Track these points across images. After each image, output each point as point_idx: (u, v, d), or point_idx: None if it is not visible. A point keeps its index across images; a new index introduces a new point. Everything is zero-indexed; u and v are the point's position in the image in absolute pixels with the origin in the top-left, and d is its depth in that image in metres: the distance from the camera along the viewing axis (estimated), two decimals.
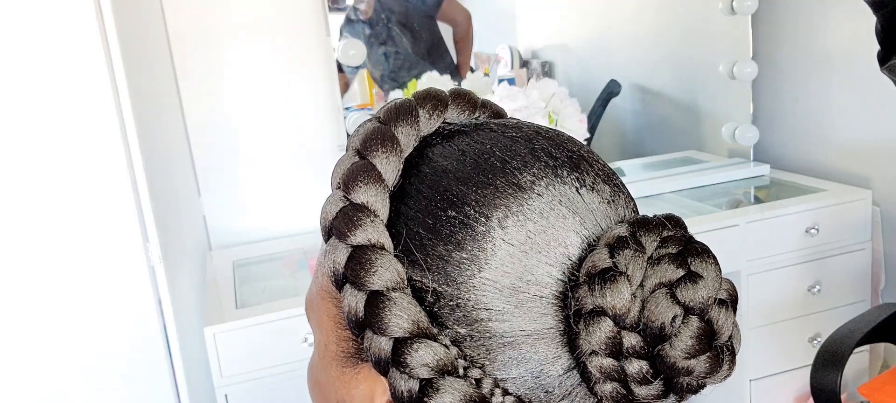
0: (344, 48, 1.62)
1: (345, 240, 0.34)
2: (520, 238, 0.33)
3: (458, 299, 0.33)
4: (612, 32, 2.15)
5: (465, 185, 0.34)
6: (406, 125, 0.36)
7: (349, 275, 0.33)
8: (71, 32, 1.04)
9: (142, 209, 1.13)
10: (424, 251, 0.33)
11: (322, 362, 0.39)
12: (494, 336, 0.33)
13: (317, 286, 0.39)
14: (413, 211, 0.34)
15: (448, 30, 1.94)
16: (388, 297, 0.32)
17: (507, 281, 0.32)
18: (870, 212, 1.70)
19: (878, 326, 1.39)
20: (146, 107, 1.26)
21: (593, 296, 0.31)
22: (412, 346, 0.32)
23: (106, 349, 1.14)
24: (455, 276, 0.33)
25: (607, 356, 0.31)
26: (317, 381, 0.41)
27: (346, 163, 0.35)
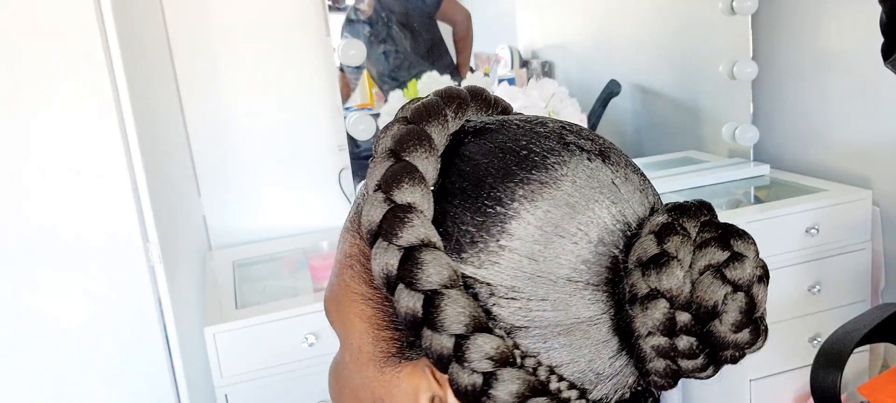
0: (344, 48, 1.62)
1: (394, 242, 0.34)
2: (570, 229, 0.34)
3: (514, 292, 0.34)
4: (612, 32, 2.15)
5: (509, 181, 0.35)
6: (437, 124, 0.37)
7: (404, 277, 0.33)
8: (71, 33, 1.04)
9: (142, 209, 1.13)
10: (475, 247, 0.34)
11: (356, 364, 0.39)
12: (549, 325, 0.34)
13: (343, 289, 0.39)
14: (458, 209, 0.35)
15: (448, 30, 1.94)
16: (446, 295, 0.33)
17: (561, 271, 0.34)
18: (870, 212, 1.70)
19: (878, 326, 1.39)
20: (146, 107, 1.26)
21: (648, 281, 0.33)
22: (473, 341, 0.33)
23: (106, 349, 1.14)
24: (509, 270, 0.34)
25: (662, 335, 0.33)
26: (347, 384, 0.41)
27: (382, 166, 0.35)
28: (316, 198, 1.85)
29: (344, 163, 1.76)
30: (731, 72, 1.93)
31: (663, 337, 0.33)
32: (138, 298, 1.14)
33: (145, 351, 1.16)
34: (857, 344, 1.34)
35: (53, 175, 1.07)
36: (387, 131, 0.37)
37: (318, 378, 1.35)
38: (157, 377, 1.17)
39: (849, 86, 1.76)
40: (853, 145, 1.78)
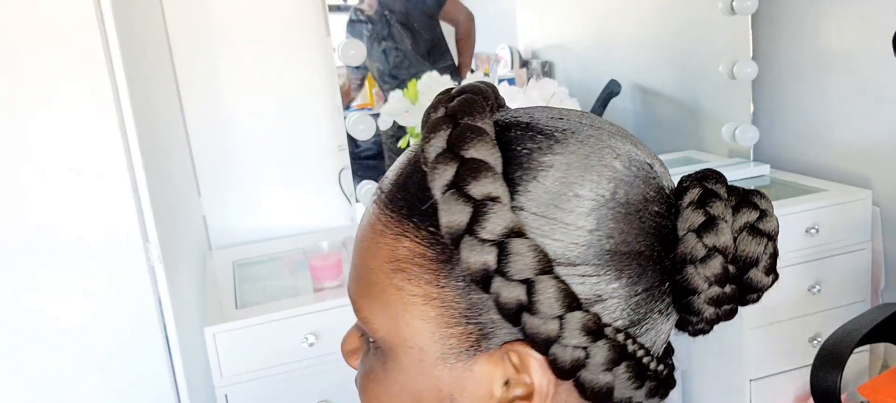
0: (344, 48, 1.62)
1: (486, 237, 0.35)
2: (629, 207, 0.37)
3: (589, 268, 0.36)
4: (612, 32, 2.15)
5: (572, 169, 0.37)
6: (485, 118, 0.37)
7: (502, 270, 0.35)
8: (71, 33, 1.04)
9: (142, 209, 1.13)
10: (554, 234, 0.36)
11: (419, 367, 0.39)
12: (621, 296, 0.37)
13: (396, 297, 0.38)
14: (530, 200, 0.36)
15: (449, 29, 1.94)
16: (542, 281, 0.35)
17: (625, 248, 0.37)
18: (870, 212, 1.70)
19: (878, 326, 1.39)
20: (146, 107, 1.26)
21: (704, 242, 0.38)
22: (570, 319, 0.35)
23: (106, 348, 1.14)
24: (582, 248, 0.36)
25: (718, 286, 0.38)
26: (402, 391, 0.40)
27: (447, 167, 0.36)
28: (316, 198, 1.85)
29: (344, 163, 1.76)
30: (731, 72, 1.93)
31: (718, 288, 0.38)
32: (138, 298, 1.14)
33: (145, 351, 1.16)
34: (857, 344, 1.34)
35: (53, 175, 1.07)
36: (434, 134, 0.37)
37: (318, 378, 1.35)
38: (157, 377, 1.17)
39: (849, 86, 1.76)
40: (853, 145, 1.78)
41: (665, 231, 0.38)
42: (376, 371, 0.41)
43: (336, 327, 1.35)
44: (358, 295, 0.41)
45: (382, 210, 0.39)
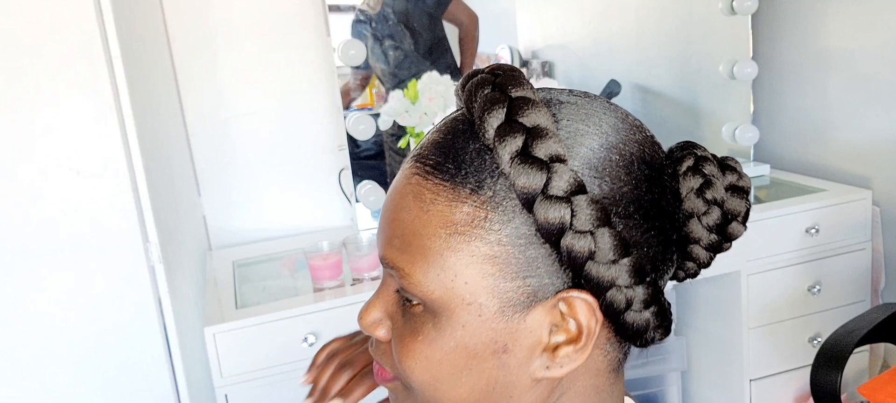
0: (344, 48, 1.62)
1: (557, 195, 0.39)
2: (652, 169, 0.44)
3: (626, 212, 0.42)
4: (612, 32, 2.15)
5: (608, 134, 0.43)
6: (531, 89, 0.42)
7: (574, 224, 0.40)
8: (71, 33, 1.04)
9: (142, 209, 1.13)
10: (602, 189, 0.41)
11: (477, 321, 0.42)
12: (650, 246, 0.43)
13: (458, 260, 0.41)
14: (579, 160, 0.41)
15: (451, 29, 1.95)
16: (604, 231, 0.40)
17: (651, 202, 0.43)
18: (869, 212, 1.70)
19: (878, 326, 1.39)
20: (146, 107, 1.26)
21: (705, 197, 0.44)
22: (624, 264, 0.41)
23: (106, 348, 1.14)
24: (627, 204, 0.42)
25: (716, 233, 0.45)
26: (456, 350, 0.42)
27: (514, 138, 0.40)
28: (316, 197, 1.85)
29: (344, 163, 1.76)
30: (731, 72, 1.93)
31: (715, 236, 0.45)
32: (138, 298, 1.14)
33: (145, 351, 1.16)
34: (857, 344, 1.34)
35: (53, 175, 1.07)
36: (493, 107, 0.40)
37: None
38: (157, 377, 1.17)
39: (849, 86, 1.76)
40: (853, 145, 1.78)
41: (672, 190, 0.45)
42: (425, 331, 0.43)
43: (336, 327, 1.35)
44: (406, 263, 0.42)
45: (429, 179, 0.42)
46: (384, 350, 0.47)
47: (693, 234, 0.45)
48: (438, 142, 0.43)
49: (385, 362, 0.47)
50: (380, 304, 0.46)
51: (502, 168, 0.40)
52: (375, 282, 1.42)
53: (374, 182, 1.68)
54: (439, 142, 0.43)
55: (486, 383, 0.43)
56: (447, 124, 0.44)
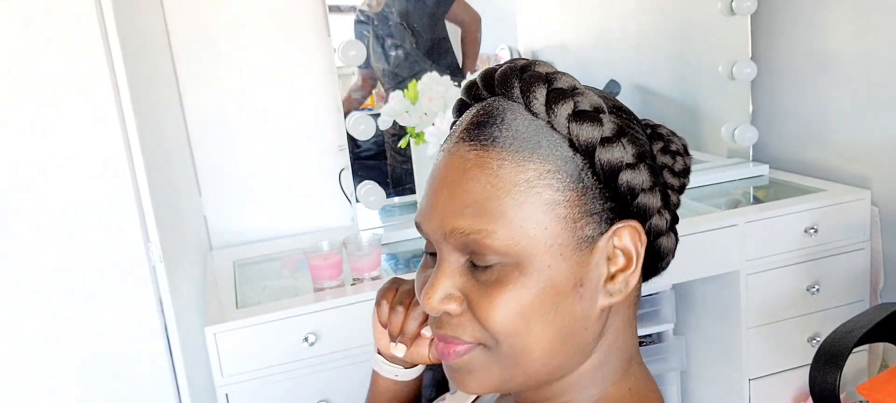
0: (344, 48, 1.62)
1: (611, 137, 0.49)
2: (642, 125, 0.56)
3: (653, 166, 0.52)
4: (612, 33, 2.15)
5: (627, 118, 0.54)
6: (551, 67, 0.53)
7: (630, 164, 0.49)
8: (72, 33, 1.05)
9: (143, 209, 1.13)
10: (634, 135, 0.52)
11: (557, 261, 0.48)
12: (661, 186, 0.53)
13: (534, 210, 0.48)
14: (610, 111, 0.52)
15: (453, 30, 1.95)
16: (644, 166, 0.50)
17: (652, 157, 0.55)
18: (869, 212, 1.70)
19: (876, 326, 1.39)
20: (147, 107, 1.26)
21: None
22: (658, 193, 0.51)
23: (107, 348, 1.15)
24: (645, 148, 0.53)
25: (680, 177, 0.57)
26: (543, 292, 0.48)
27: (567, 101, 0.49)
28: (316, 197, 1.86)
29: (344, 163, 1.76)
30: (731, 73, 1.94)
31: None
32: (139, 297, 1.14)
33: (146, 351, 1.16)
34: (856, 344, 1.35)
35: (54, 175, 1.07)
36: (535, 85, 0.49)
37: (318, 377, 1.36)
38: (157, 376, 1.18)
39: (848, 87, 1.77)
40: (852, 145, 1.78)
41: None
42: (513, 281, 0.48)
43: (336, 326, 1.36)
44: (486, 224, 0.47)
45: (490, 151, 0.48)
46: (457, 322, 0.50)
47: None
48: (483, 123, 0.50)
49: (462, 332, 0.50)
50: (445, 280, 0.50)
51: (559, 128, 0.48)
52: (376, 282, 1.42)
53: (374, 182, 1.69)
54: (484, 122, 0.50)
55: (569, 319, 0.49)
56: (482, 110, 0.51)
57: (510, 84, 0.50)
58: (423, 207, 0.51)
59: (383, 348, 0.69)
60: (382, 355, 0.70)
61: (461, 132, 0.50)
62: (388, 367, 0.70)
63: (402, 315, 0.64)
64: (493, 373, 0.50)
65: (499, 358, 0.49)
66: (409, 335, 0.64)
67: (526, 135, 0.48)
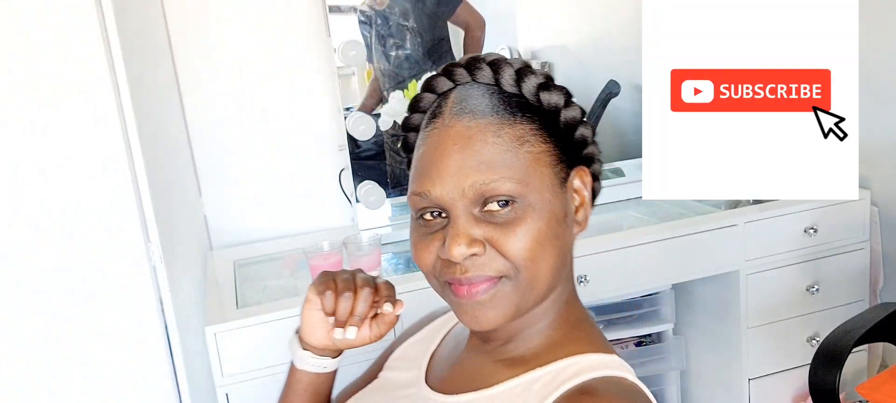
0: (344, 48, 1.63)
1: (569, 101, 0.65)
2: None
3: None
4: (612, 33, 2.15)
5: None
6: None
7: (583, 119, 0.66)
8: (72, 33, 1.05)
9: (143, 209, 1.13)
10: None
11: (553, 195, 0.61)
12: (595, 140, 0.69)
13: (531, 161, 0.60)
14: None
15: (453, 30, 1.96)
16: (588, 122, 0.66)
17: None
18: (868, 212, 1.71)
19: (876, 326, 1.40)
20: (147, 107, 1.26)
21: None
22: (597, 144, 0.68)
23: (107, 348, 1.15)
24: None
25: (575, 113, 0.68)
26: (550, 221, 0.60)
27: (532, 76, 0.64)
28: (316, 197, 1.86)
29: (344, 163, 1.76)
30: None
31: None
32: (139, 298, 1.15)
33: (146, 351, 1.17)
34: (855, 344, 1.35)
35: (54, 175, 1.07)
36: (504, 66, 0.64)
37: None
38: (158, 376, 1.18)
39: None
40: None
41: None
42: (528, 216, 0.59)
43: None
44: (500, 174, 0.58)
45: (486, 119, 0.60)
46: (482, 262, 0.59)
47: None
48: (470, 101, 0.62)
49: (487, 270, 0.59)
50: (465, 230, 0.59)
51: (529, 97, 0.63)
52: None
53: (374, 182, 1.69)
54: (470, 101, 0.62)
55: (563, 245, 0.62)
56: (463, 92, 0.63)
57: (481, 69, 0.63)
58: (432, 176, 0.59)
59: (318, 341, 0.73)
60: (311, 349, 0.74)
61: (453, 111, 0.61)
62: (317, 360, 0.74)
63: (351, 299, 0.69)
64: (512, 301, 0.60)
65: (517, 286, 0.60)
66: (361, 315, 0.69)
67: (505, 106, 0.61)
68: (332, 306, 0.70)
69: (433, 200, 0.59)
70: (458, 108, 0.61)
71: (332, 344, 0.72)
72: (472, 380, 0.65)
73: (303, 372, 0.76)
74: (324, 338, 0.73)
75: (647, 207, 1.83)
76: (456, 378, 0.68)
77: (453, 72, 0.64)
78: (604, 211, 1.87)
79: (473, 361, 0.68)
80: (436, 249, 0.60)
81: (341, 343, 0.71)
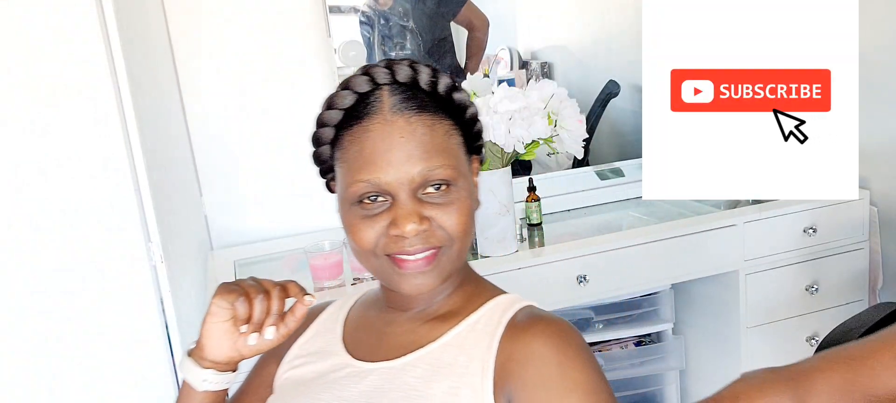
0: (344, 48, 1.63)
1: (473, 100, 0.73)
2: None
3: None
4: (611, 33, 2.16)
5: None
6: None
7: (478, 113, 0.76)
8: (72, 32, 1.05)
9: (144, 209, 1.13)
10: None
11: (470, 179, 0.73)
12: None
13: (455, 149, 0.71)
14: None
15: (456, 29, 1.96)
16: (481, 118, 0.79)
17: None
18: (867, 212, 1.71)
19: (875, 325, 1.40)
20: (148, 107, 1.26)
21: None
22: None
23: (108, 348, 1.15)
24: None
25: None
26: (470, 205, 0.71)
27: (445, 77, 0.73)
28: (317, 197, 1.84)
29: None
30: None
31: None
32: (140, 297, 1.15)
33: (147, 351, 1.17)
34: None
35: (54, 175, 1.08)
36: (421, 68, 0.71)
37: None
38: (158, 376, 1.18)
39: None
40: None
41: None
42: (462, 197, 0.70)
43: None
44: (444, 160, 0.68)
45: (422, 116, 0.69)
46: (425, 236, 0.68)
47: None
48: (405, 99, 0.69)
49: (432, 241, 0.68)
50: (414, 210, 0.68)
51: (444, 95, 0.71)
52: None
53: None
54: (412, 103, 0.69)
55: (473, 217, 0.72)
56: (396, 90, 0.70)
57: (402, 69, 0.71)
58: (381, 164, 0.67)
59: (224, 354, 0.72)
60: (213, 366, 0.73)
61: (393, 108, 0.69)
62: (219, 376, 0.74)
63: (265, 301, 0.71)
64: (446, 268, 0.70)
65: (450, 256, 0.70)
66: (278, 313, 0.72)
67: (432, 104, 0.70)
68: (248, 311, 0.71)
69: (380, 186, 0.67)
70: (398, 106, 0.68)
71: (238, 356, 0.73)
72: (410, 342, 0.72)
73: (203, 394, 0.74)
74: (230, 350, 0.72)
75: (647, 207, 1.84)
76: (390, 346, 0.73)
77: (373, 73, 0.70)
78: (604, 211, 1.87)
79: (402, 327, 0.75)
80: (380, 228, 0.68)
81: (254, 349, 0.73)
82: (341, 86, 0.72)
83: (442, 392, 0.67)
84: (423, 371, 0.69)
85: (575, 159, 1.98)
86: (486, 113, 1.40)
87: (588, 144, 1.83)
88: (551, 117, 1.45)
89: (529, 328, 0.68)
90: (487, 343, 0.68)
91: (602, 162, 2.02)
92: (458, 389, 0.67)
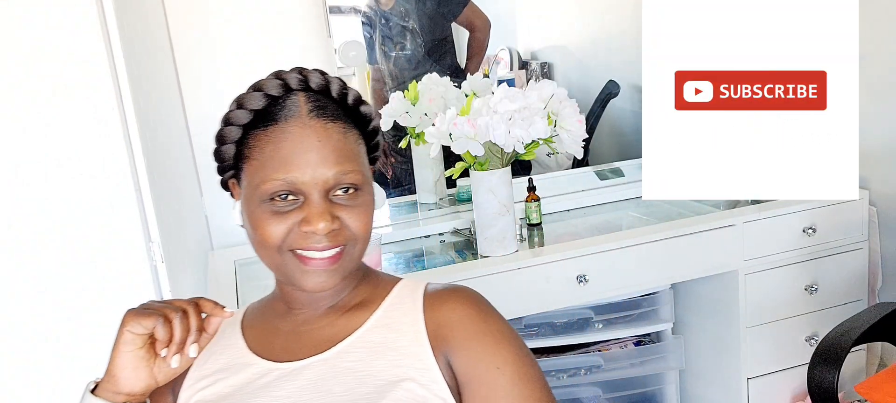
0: (344, 49, 1.63)
1: (377, 113, 0.68)
2: None
3: None
4: (611, 33, 2.16)
5: None
6: None
7: (380, 127, 0.83)
8: (73, 32, 1.05)
9: (144, 209, 1.13)
10: None
11: (372, 185, 0.77)
12: None
13: (361, 156, 0.76)
14: None
15: (457, 29, 1.96)
16: None
17: None
18: (867, 212, 1.71)
19: (874, 325, 1.40)
20: (148, 106, 1.26)
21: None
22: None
23: (108, 348, 1.15)
24: None
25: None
26: (372, 209, 0.75)
27: (352, 90, 0.78)
28: None
29: None
30: None
31: None
32: (141, 298, 1.14)
33: None
34: (853, 343, 1.35)
35: (54, 175, 1.08)
36: (333, 80, 0.77)
37: None
38: None
39: None
40: None
41: None
42: (367, 200, 0.75)
43: None
44: (354, 167, 0.73)
45: (336, 123, 0.73)
46: (333, 235, 0.71)
47: None
48: (319, 107, 0.73)
49: (339, 240, 0.72)
50: (326, 209, 0.71)
51: (352, 106, 0.76)
52: None
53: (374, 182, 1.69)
54: (328, 110, 0.73)
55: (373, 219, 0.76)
56: (312, 97, 0.74)
57: (314, 77, 0.75)
58: (298, 164, 0.70)
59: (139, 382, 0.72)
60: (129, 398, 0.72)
61: (310, 113, 0.72)
62: None
63: (184, 320, 0.73)
64: (347, 267, 0.74)
65: (352, 255, 0.74)
66: (199, 329, 0.75)
67: (344, 113, 0.75)
68: (168, 333, 0.72)
69: (295, 185, 0.71)
70: (315, 112, 0.72)
71: (154, 382, 0.73)
72: (334, 334, 0.76)
73: None
74: (147, 378, 0.73)
75: (647, 207, 1.84)
76: (314, 341, 0.76)
77: (285, 78, 0.75)
78: (604, 211, 1.87)
79: (319, 323, 0.78)
80: (289, 225, 0.71)
81: (173, 372, 0.74)
82: (252, 88, 0.78)
83: (385, 365, 0.72)
84: (360, 354, 0.74)
85: (575, 159, 1.98)
86: (485, 113, 1.41)
87: (588, 144, 1.83)
88: (551, 117, 1.45)
89: (448, 297, 0.76)
90: (412, 317, 0.75)
91: (602, 162, 2.02)
92: (400, 359, 0.72)
